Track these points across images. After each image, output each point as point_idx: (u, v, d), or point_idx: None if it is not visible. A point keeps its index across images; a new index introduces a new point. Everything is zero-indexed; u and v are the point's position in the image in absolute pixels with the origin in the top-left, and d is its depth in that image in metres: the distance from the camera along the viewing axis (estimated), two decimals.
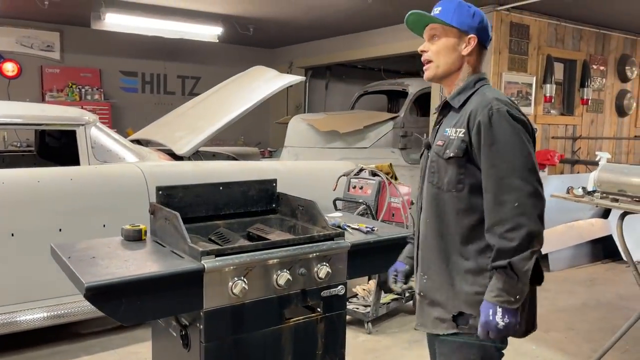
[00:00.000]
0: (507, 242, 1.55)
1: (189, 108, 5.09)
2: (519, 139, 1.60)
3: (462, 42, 1.74)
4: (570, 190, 3.41)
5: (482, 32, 1.75)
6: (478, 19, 1.75)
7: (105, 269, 1.75)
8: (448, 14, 1.74)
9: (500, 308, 1.57)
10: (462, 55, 1.74)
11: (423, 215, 1.81)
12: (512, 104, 1.68)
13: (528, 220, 1.55)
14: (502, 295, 1.57)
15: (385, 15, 6.23)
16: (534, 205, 1.57)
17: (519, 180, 1.57)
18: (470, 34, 1.73)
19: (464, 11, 1.74)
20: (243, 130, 8.35)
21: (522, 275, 1.56)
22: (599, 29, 6.57)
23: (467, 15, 1.74)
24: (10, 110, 3.41)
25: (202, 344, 1.85)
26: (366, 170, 4.02)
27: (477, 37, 1.74)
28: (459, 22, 1.73)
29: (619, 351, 3.52)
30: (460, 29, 1.73)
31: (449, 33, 1.74)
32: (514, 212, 1.55)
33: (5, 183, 3.11)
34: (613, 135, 7.05)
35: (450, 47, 1.74)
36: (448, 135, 1.71)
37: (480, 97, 1.69)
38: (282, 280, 1.95)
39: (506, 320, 1.57)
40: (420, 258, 1.81)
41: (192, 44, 7.62)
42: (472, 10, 1.76)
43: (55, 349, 3.44)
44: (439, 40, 1.76)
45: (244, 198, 2.49)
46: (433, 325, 1.75)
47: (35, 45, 7.39)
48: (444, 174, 1.71)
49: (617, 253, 5.76)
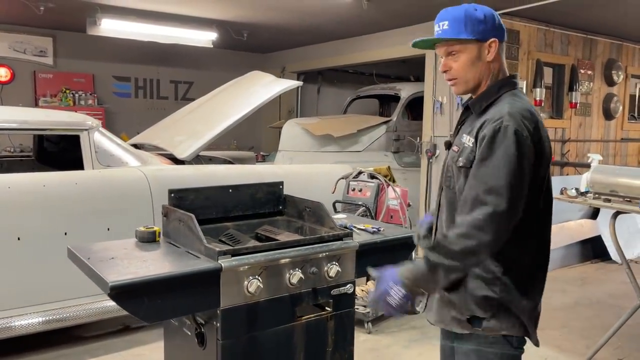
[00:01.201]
0: (450, 244, 1.57)
1: (187, 113, 5.14)
2: (513, 160, 1.54)
3: (483, 49, 1.66)
4: (563, 191, 3.52)
5: (499, 31, 1.67)
6: (490, 19, 1.66)
7: (126, 268, 1.80)
8: (460, 28, 1.64)
9: (401, 286, 1.62)
10: (487, 62, 1.68)
11: (440, 218, 1.82)
12: (526, 119, 1.60)
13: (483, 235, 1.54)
14: (412, 281, 1.62)
15: (378, 21, 6.33)
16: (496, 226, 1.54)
17: (496, 200, 1.53)
18: (490, 39, 1.65)
19: (474, 18, 1.64)
20: (235, 134, 8.37)
21: (444, 281, 1.61)
22: (586, 34, 6.72)
23: (479, 21, 1.64)
24: (15, 116, 3.44)
25: (219, 342, 1.90)
26: (365, 173, 4.10)
27: (497, 39, 1.66)
28: (474, 32, 1.64)
29: (612, 347, 3.63)
30: (478, 39, 1.65)
31: (468, 47, 1.66)
32: (475, 223, 1.54)
33: (12, 187, 3.14)
34: (600, 138, 7.21)
35: (474, 60, 1.67)
36: (463, 142, 1.69)
37: (498, 108, 1.64)
38: (294, 279, 2.02)
39: (398, 299, 1.62)
40: None
41: (185, 49, 7.66)
42: (481, 14, 1.66)
43: (59, 352, 3.46)
44: (460, 56, 1.67)
45: (252, 200, 2.55)
46: (452, 324, 1.76)
47: (28, 51, 7.38)
48: (457, 180, 1.71)
49: (605, 253, 5.91)
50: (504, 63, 1.73)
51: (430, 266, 1.60)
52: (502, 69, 1.73)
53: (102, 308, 3.42)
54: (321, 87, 9.64)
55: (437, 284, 1.64)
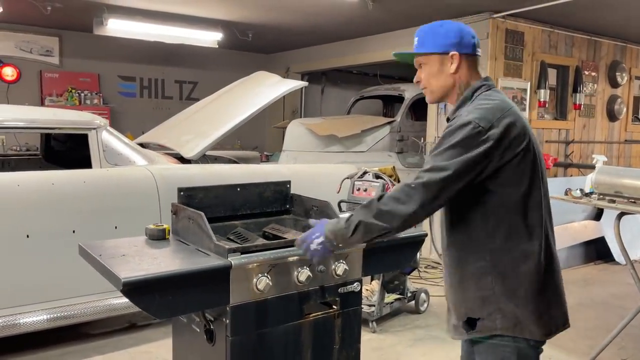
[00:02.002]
0: (381, 204, 1.69)
1: (193, 112, 5.16)
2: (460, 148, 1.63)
3: (446, 62, 1.80)
4: (568, 192, 3.54)
5: (461, 45, 1.80)
6: (453, 34, 1.81)
7: (137, 265, 1.83)
8: (424, 43, 1.83)
9: (323, 237, 1.82)
10: (450, 73, 1.81)
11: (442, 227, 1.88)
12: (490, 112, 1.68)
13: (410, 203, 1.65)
14: (333, 233, 1.80)
15: (383, 22, 6.36)
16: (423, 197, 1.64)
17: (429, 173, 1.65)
18: (451, 52, 1.79)
19: (437, 34, 1.82)
20: (240, 134, 8.40)
21: (358, 237, 1.75)
22: (591, 36, 6.74)
23: (441, 36, 1.81)
24: (24, 115, 3.47)
25: (229, 338, 1.93)
26: (370, 173, 4.11)
27: (458, 52, 1.79)
28: (435, 46, 1.81)
29: (616, 347, 3.64)
30: (439, 52, 1.80)
31: (431, 59, 1.82)
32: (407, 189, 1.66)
33: (21, 185, 3.17)
34: (604, 140, 7.22)
35: (436, 71, 1.82)
36: None
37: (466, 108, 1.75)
38: (303, 276, 2.04)
39: (319, 247, 1.83)
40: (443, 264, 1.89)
41: (190, 49, 7.69)
42: (444, 30, 1.82)
43: (67, 349, 3.49)
44: (426, 68, 1.85)
45: (259, 199, 2.58)
46: (453, 331, 1.84)
47: (35, 50, 7.42)
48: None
49: (609, 254, 5.91)
50: (474, 72, 1.84)
51: (351, 223, 1.75)
52: (474, 77, 1.84)
53: (109, 305, 3.45)
54: (325, 88, 9.67)
55: (354, 240, 1.78)
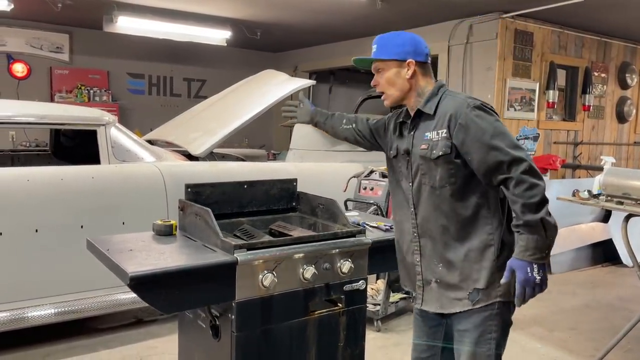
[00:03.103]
0: (530, 199, 1.74)
1: (200, 110, 5.19)
2: (500, 123, 1.84)
3: (402, 68, 1.95)
4: (576, 193, 3.52)
5: (417, 54, 1.95)
6: (409, 43, 1.95)
7: (145, 260, 1.85)
8: (383, 50, 1.97)
9: (535, 265, 1.76)
10: (407, 78, 1.95)
11: (421, 213, 1.97)
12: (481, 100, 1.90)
13: (539, 180, 1.76)
14: (536, 253, 1.75)
15: (391, 21, 6.35)
16: (535, 167, 1.78)
17: (519, 152, 1.77)
18: (408, 59, 1.93)
19: (395, 43, 1.96)
20: (247, 132, 8.41)
21: (551, 229, 1.76)
22: (601, 37, 6.70)
23: (398, 45, 1.95)
24: (35, 110, 3.50)
25: (234, 334, 1.94)
26: (377, 172, 4.12)
27: (414, 60, 1.93)
28: (394, 54, 1.95)
29: (621, 350, 3.62)
30: (397, 59, 1.94)
31: (389, 65, 1.96)
32: (527, 175, 1.74)
33: (30, 180, 3.20)
34: (613, 141, 7.18)
35: (393, 77, 1.96)
36: (430, 139, 1.91)
37: (453, 100, 1.90)
38: (308, 274, 2.05)
39: (542, 274, 1.78)
40: (430, 250, 1.97)
41: (198, 47, 7.72)
42: (401, 39, 1.97)
43: (74, 343, 3.52)
44: (384, 73, 1.98)
45: (266, 196, 2.59)
46: (451, 305, 1.94)
47: (45, 47, 7.49)
48: (435, 172, 1.90)
49: (616, 256, 5.88)
50: (429, 76, 2.00)
51: (534, 229, 1.75)
52: (429, 83, 1.99)
53: (116, 300, 3.47)
54: (333, 87, 9.67)
55: (551, 237, 1.78)
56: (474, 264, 1.88)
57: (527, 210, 1.74)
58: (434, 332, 2.10)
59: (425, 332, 2.12)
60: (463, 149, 1.83)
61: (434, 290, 1.98)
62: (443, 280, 1.95)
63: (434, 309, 2.00)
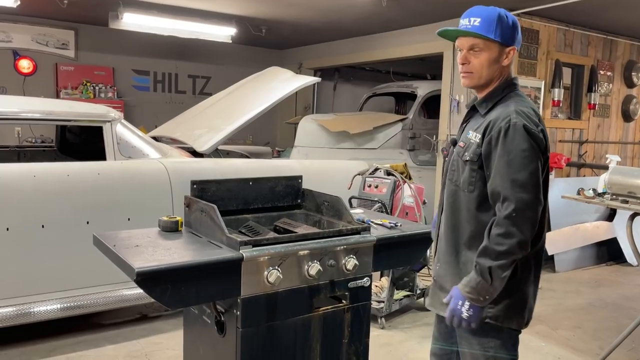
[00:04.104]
0: (495, 245, 1.68)
1: (206, 107, 5.20)
2: (529, 154, 1.69)
3: (503, 54, 1.79)
4: (580, 192, 3.52)
5: (518, 42, 1.82)
6: (516, 29, 1.80)
7: (151, 255, 1.86)
8: (490, 28, 1.75)
9: (468, 302, 1.73)
10: (502, 66, 1.81)
11: (444, 209, 1.95)
12: (531, 116, 1.74)
13: (519, 231, 1.66)
14: (473, 293, 1.72)
15: (397, 19, 6.34)
16: (528, 217, 1.67)
17: (520, 193, 1.66)
18: (511, 46, 1.79)
19: (505, 24, 1.76)
20: (252, 130, 8.44)
21: (498, 280, 1.69)
22: (606, 35, 6.67)
23: (508, 27, 1.77)
24: (41, 107, 3.52)
25: (239, 330, 1.95)
26: (381, 169, 4.12)
27: (516, 47, 1.81)
28: (502, 36, 1.76)
29: (625, 349, 3.62)
30: (501, 43, 1.77)
31: (492, 47, 1.77)
32: (508, 220, 1.66)
33: (37, 176, 3.22)
34: (619, 140, 7.15)
35: (493, 60, 1.79)
36: (469, 138, 1.84)
37: (503, 108, 1.78)
38: (313, 270, 2.06)
39: (470, 312, 1.74)
40: (437, 247, 1.98)
41: (203, 44, 7.72)
42: (510, 21, 1.79)
43: (79, 338, 3.54)
44: (481, 54, 1.78)
45: (271, 193, 2.59)
46: (441, 308, 1.93)
47: (51, 43, 7.50)
48: (461, 173, 1.85)
49: (621, 255, 5.87)
50: (512, 68, 1.88)
51: (482, 272, 1.70)
52: (510, 73, 1.87)
53: (121, 296, 3.49)
54: (338, 84, 9.67)
55: (495, 287, 1.72)
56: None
57: (486, 253, 1.69)
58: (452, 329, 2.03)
59: (444, 327, 2.06)
60: (485, 162, 1.76)
61: (431, 287, 2.01)
62: (438, 280, 1.96)
63: (426, 304, 2.04)
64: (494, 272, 1.68)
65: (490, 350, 1.85)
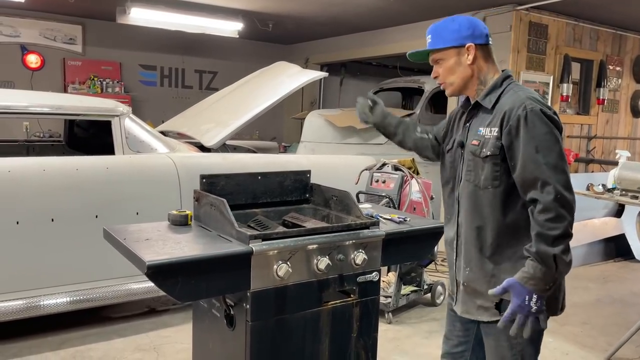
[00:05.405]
0: (549, 231, 1.65)
1: (213, 102, 5.20)
2: (554, 137, 1.70)
3: (462, 54, 1.84)
4: (590, 187, 3.50)
5: (476, 37, 1.84)
6: (465, 27, 1.84)
7: (161, 249, 1.86)
8: (439, 39, 1.86)
9: (535, 295, 1.68)
10: (468, 65, 1.84)
11: (462, 211, 1.91)
12: (543, 100, 1.78)
13: (568, 213, 1.66)
14: (540, 283, 1.67)
15: (403, 14, 6.32)
16: (571, 199, 1.68)
17: (557, 175, 1.66)
18: (467, 44, 1.83)
19: (451, 29, 1.85)
20: (258, 125, 8.45)
21: (562, 265, 1.67)
22: (616, 30, 6.62)
23: (454, 31, 1.84)
24: (50, 101, 3.53)
25: (248, 323, 1.95)
26: (389, 164, 4.12)
27: (473, 43, 1.83)
28: (451, 40, 1.84)
29: (634, 345, 3.61)
30: (455, 46, 1.84)
31: (448, 54, 1.86)
32: (556, 203, 1.65)
33: (46, 170, 3.24)
34: (627, 135, 7.11)
35: (453, 65, 1.86)
36: (483, 135, 1.82)
37: (513, 97, 1.77)
38: (322, 264, 2.06)
39: (539, 304, 1.69)
40: (463, 251, 1.92)
41: (210, 39, 7.73)
42: (456, 24, 1.85)
43: (88, 331, 3.57)
44: (443, 63, 1.87)
45: (280, 188, 2.60)
46: (478, 313, 1.89)
47: (58, 38, 7.53)
48: (481, 171, 1.82)
49: (629, 252, 5.85)
50: (491, 62, 1.89)
51: (545, 260, 1.66)
52: (492, 68, 1.89)
53: (129, 290, 3.51)
54: (344, 79, 9.65)
55: (561, 272, 1.70)
56: (505, 275, 1.78)
57: (543, 241, 1.66)
58: (466, 328, 2.03)
59: (458, 327, 2.05)
60: (509, 153, 1.74)
61: (461, 294, 1.96)
62: (470, 285, 1.90)
63: (459, 312, 1.97)
64: (558, 258, 1.65)
65: (518, 346, 1.83)
